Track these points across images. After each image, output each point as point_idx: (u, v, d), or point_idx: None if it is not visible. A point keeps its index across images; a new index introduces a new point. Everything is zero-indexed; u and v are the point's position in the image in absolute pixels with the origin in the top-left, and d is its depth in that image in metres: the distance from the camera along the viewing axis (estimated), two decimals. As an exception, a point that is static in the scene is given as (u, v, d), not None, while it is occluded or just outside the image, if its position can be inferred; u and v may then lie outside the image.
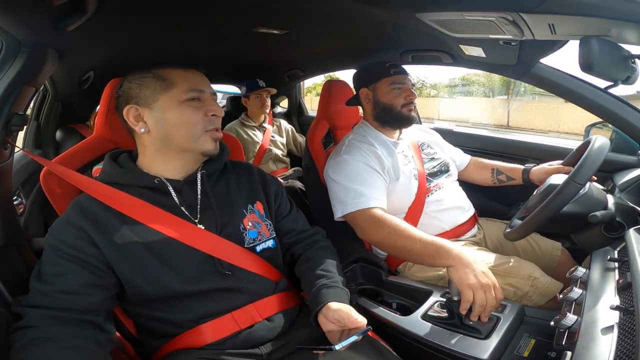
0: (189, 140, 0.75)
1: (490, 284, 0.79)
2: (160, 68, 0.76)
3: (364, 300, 1.01)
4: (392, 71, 1.21)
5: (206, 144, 0.76)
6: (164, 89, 0.74)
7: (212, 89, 0.80)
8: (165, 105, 0.74)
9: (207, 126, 0.75)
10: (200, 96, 0.75)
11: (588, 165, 0.84)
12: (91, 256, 0.67)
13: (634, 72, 0.80)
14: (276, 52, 1.70)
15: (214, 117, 0.76)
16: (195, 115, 0.74)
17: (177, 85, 0.74)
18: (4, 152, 0.81)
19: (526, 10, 0.77)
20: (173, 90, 0.74)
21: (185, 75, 0.76)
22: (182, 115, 0.74)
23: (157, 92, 0.74)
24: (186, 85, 0.74)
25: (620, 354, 0.51)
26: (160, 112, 0.74)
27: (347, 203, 1.07)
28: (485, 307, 0.78)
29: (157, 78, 0.74)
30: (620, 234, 0.81)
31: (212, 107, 0.76)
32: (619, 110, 1.09)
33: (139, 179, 0.74)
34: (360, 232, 1.06)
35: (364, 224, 1.04)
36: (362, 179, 1.09)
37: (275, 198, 0.88)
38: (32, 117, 1.57)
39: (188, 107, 0.74)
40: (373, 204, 1.05)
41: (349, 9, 1.04)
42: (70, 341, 0.61)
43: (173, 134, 0.74)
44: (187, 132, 0.74)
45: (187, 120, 0.74)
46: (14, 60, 0.80)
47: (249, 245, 0.78)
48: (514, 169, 1.33)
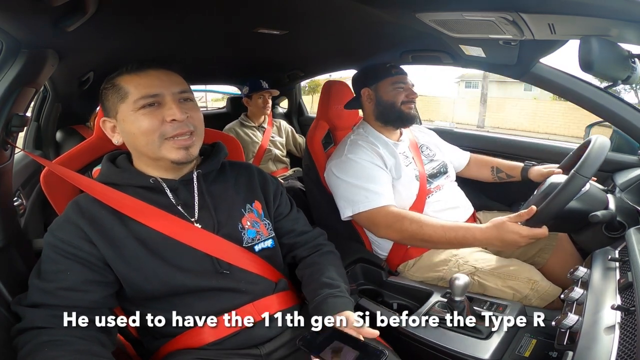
0: (151, 150, 0.71)
1: (529, 235, 0.86)
2: (117, 76, 0.72)
3: (365, 301, 1.01)
4: (394, 71, 1.23)
5: (170, 153, 0.70)
6: (120, 99, 0.70)
7: (182, 88, 0.72)
8: (123, 116, 0.71)
9: (166, 133, 0.69)
10: (157, 100, 0.69)
11: (593, 158, 0.84)
12: (89, 254, 0.67)
13: (634, 72, 0.79)
14: (276, 53, 1.70)
15: (174, 122, 0.69)
16: (150, 123, 0.69)
17: (130, 93, 0.70)
18: (4, 153, 0.82)
19: (526, 10, 0.77)
20: (127, 100, 0.70)
21: (138, 80, 0.70)
22: (137, 125, 0.69)
23: (115, 103, 0.71)
24: (138, 92, 0.69)
25: (622, 354, 0.51)
26: (121, 124, 0.72)
27: (358, 202, 1.07)
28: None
29: (114, 88, 0.71)
30: (621, 234, 0.82)
31: (169, 112, 0.69)
32: (619, 110, 1.09)
33: (134, 179, 0.74)
34: (383, 230, 1.06)
35: (387, 221, 1.04)
36: (371, 177, 1.10)
37: (275, 198, 0.87)
38: (32, 118, 1.57)
39: (142, 114, 0.69)
40: (384, 202, 1.06)
41: (349, 9, 1.04)
42: (75, 344, 0.61)
43: (136, 145, 0.72)
44: (146, 142, 0.70)
45: (142, 130, 0.69)
46: (14, 61, 0.80)
47: (248, 244, 0.78)
48: (513, 167, 1.33)
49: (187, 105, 0.73)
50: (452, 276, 0.82)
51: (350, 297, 0.77)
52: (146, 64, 0.72)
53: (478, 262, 1.04)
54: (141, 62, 0.72)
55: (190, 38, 1.26)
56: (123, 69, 0.72)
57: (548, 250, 1.17)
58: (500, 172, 1.37)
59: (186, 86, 0.74)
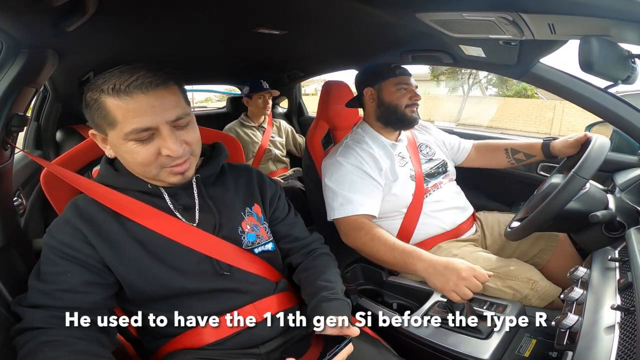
0: (147, 176, 0.70)
1: (464, 275, 0.81)
2: (101, 93, 0.62)
3: (365, 301, 1.02)
4: (398, 71, 1.22)
5: (168, 178, 0.69)
6: (108, 125, 0.64)
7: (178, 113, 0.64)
8: (114, 142, 0.66)
9: (163, 164, 0.66)
10: (151, 132, 0.63)
11: (592, 159, 0.85)
12: (88, 256, 0.67)
13: (634, 72, 0.79)
14: (276, 53, 1.70)
15: (168, 156, 0.65)
16: (145, 156, 0.64)
17: (119, 122, 0.62)
18: (4, 153, 0.82)
19: (526, 10, 0.77)
20: (117, 128, 0.63)
21: (126, 107, 0.61)
22: (131, 155, 0.65)
23: (103, 125, 0.65)
24: (128, 123, 0.62)
25: (622, 353, 0.51)
26: (113, 147, 0.68)
27: (334, 208, 1.10)
28: (472, 295, 0.80)
29: (98, 107, 0.63)
30: (620, 234, 0.82)
31: (164, 146, 0.63)
32: (619, 110, 1.09)
33: (132, 184, 0.73)
34: (343, 237, 1.09)
35: (346, 229, 1.08)
36: (353, 185, 1.10)
37: (271, 202, 0.86)
38: (32, 117, 1.57)
39: (135, 146, 0.64)
40: (360, 211, 1.07)
41: (349, 9, 1.04)
42: (75, 345, 0.61)
43: (132, 169, 0.70)
44: (143, 171, 0.68)
45: (138, 161, 0.66)
46: (14, 61, 0.80)
47: (248, 247, 0.78)
48: (531, 145, 1.23)
49: (182, 132, 0.66)
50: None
51: (345, 298, 0.77)
52: (134, 85, 0.61)
53: (478, 262, 1.04)
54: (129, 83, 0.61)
55: (190, 38, 1.26)
56: (107, 86, 0.61)
57: (548, 251, 1.17)
58: (516, 154, 1.26)
59: (182, 109, 0.65)
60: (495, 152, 1.34)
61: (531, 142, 1.25)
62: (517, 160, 1.28)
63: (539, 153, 1.21)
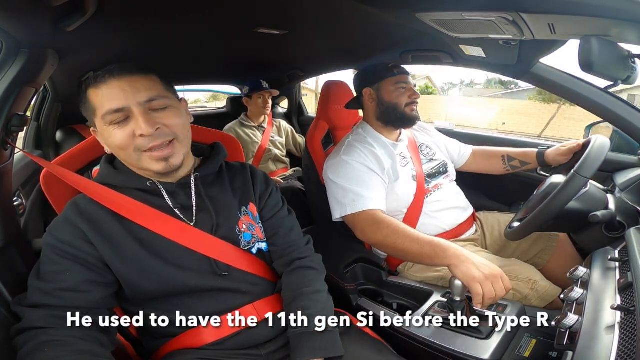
0: (132, 162, 0.70)
1: (495, 273, 0.79)
2: (86, 89, 0.69)
3: (365, 301, 1.02)
4: (396, 71, 1.22)
5: (150, 165, 0.69)
6: (92, 114, 0.69)
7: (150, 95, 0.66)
8: (100, 130, 0.70)
9: (140, 147, 0.67)
10: (124, 114, 0.66)
11: (593, 159, 0.85)
12: (87, 254, 0.67)
13: (634, 72, 0.80)
14: (276, 53, 1.70)
15: (142, 137, 0.66)
16: (121, 138, 0.66)
17: (97, 108, 0.67)
18: (4, 153, 0.82)
19: (526, 10, 0.77)
20: (97, 115, 0.68)
21: (101, 93, 0.66)
22: (111, 140, 0.68)
23: (91, 117, 0.70)
24: (102, 107, 0.66)
25: (622, 353, 0.51)
26: (100, 137, 0.72)
27: (345, 204, 1.08)
28: (495, 297, 0.78)
29: (85, 101, 0.69)
30: (620, 234, 0.82)
31: (137, 125, 0.65)
32: (619, 110, 1.09)
33: (131, 181, 0.74)
34: (360, 234, 1.06)
35: (363, 225, 1.04)
36: (361, 181, 1.10)
37: (260, 199, 0.85)
38: (32, 117, 1.57)
39: (113, 129, 0.67)
40: (371, 206, 1.05)
41: (349, 9, 1.04)
42: (75, 345, 0.61)
43: (119, 156, 0.71)
44: (125, 156, 0.69)
45: (117, 144, 0.67)
46: (14, 60, 0.80)
47: (245, 247, 0.78)
48: (526, 153, 1.28)
49: (159, 114, 0.67)
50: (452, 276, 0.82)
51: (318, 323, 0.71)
52: (109, 72, 0.66)
53: (478, 262, 1.04)
54: (105, 71, 0.66)
55: (190, 38, 1.26)
56: (90, 80, 0.67)
57: (548, 251, 1.17)
58: (512, 161, 1.31)
59: (157, 92, 0.68)
60: (492, 159, 1.38)
61: (527, 150, 1.29)
62: (512, 167, 1.33)
63: (533, 161, 1.26)
